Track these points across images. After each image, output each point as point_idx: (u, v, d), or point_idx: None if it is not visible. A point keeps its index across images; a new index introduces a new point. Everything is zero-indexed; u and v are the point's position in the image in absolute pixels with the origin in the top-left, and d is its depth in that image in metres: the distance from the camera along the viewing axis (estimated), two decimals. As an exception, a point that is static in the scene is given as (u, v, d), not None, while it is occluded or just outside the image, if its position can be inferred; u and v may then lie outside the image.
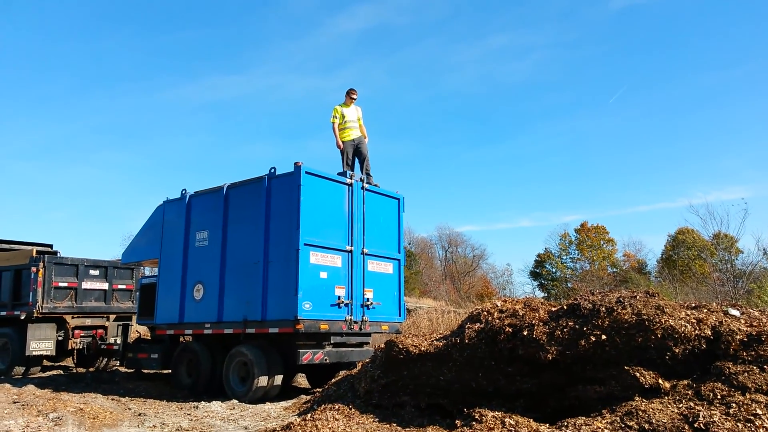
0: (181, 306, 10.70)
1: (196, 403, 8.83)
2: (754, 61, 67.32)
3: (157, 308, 11.22)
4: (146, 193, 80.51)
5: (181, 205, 11.23)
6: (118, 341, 13.20)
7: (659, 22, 73.65)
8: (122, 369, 13.45)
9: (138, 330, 15.12)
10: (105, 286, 14.32)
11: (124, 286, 14.71)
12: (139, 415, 8.16)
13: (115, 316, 14.40)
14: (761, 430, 4.52)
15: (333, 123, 11.04)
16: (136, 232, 12.78)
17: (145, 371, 12.30)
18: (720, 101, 71.17)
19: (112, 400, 9.51)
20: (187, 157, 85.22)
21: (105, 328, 14.14)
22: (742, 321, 5.90)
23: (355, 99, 11.34)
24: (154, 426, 7.36)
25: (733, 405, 4.90)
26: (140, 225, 12.55)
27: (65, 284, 13.63)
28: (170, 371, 11.05)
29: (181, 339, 11.34)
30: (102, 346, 13.38)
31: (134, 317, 13.92)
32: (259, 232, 9.71)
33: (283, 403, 9.08)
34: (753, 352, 5.44)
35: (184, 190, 11.29)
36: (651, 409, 5.11)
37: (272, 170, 9.85)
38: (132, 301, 14.64)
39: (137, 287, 13.80)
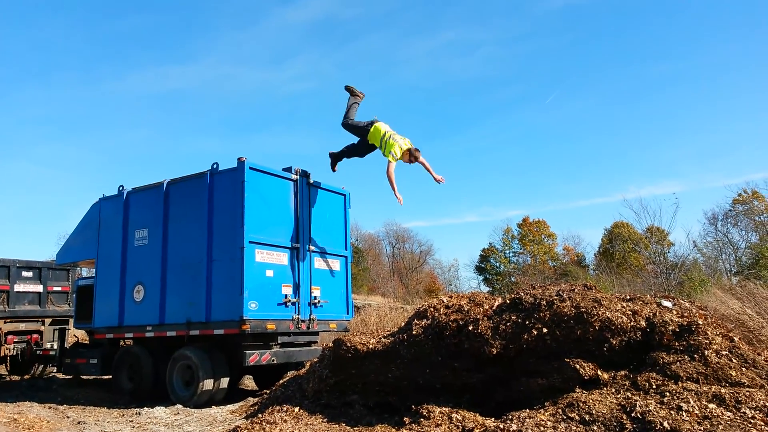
0: (120, 308, 10.34)
1: (138, 410, 8.58)
2: (691, 55, 70.45)
3: (95, 311, 10.82)
4: (85, 190, 77.45)
5: (118, 202, 10.85)
6: (55, 346, 12.66)
7: (601, 17, 76.15)
8: (60, 376, 12.95)
9: (76, 334, 14.56)
10: (39, 288, 13.72)
11: (59, 288, 14.13)
12: (79, 423, 7.87)
13: (50, 320, 13.79)
14: (692, 416, 4.75)
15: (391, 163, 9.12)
16: (72, 230, 12.28)
17: (84, 377, 11.88)
18: (655, 95, 74.06)
19: (50, 408, 9.14)
20: (131, 151, 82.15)
21: (40, 332, 13.53)
22: (674, 312, 6.18)
23: None
24: (94, 434, 7.12)
25: (667, 394, 5.13)
26: (77, 223, 12.06)
27: (-5, 287, 13.01)
28: (111, 377, 10.69)
29: (122, 343, 10.98)
30: (37, 352, 12.82)
31: (71, 321, 13.40)
32: (202, 230, 9.48)
33: (230, 407, 8.93)
34: (684, 342, 5.71)
35: (122, 186, 10.92)
36: (591, 400, 5.29)
37: (215, 165, 9.65)
38: (69, 304, 14.08)
39: (74, 289, 13.29)
